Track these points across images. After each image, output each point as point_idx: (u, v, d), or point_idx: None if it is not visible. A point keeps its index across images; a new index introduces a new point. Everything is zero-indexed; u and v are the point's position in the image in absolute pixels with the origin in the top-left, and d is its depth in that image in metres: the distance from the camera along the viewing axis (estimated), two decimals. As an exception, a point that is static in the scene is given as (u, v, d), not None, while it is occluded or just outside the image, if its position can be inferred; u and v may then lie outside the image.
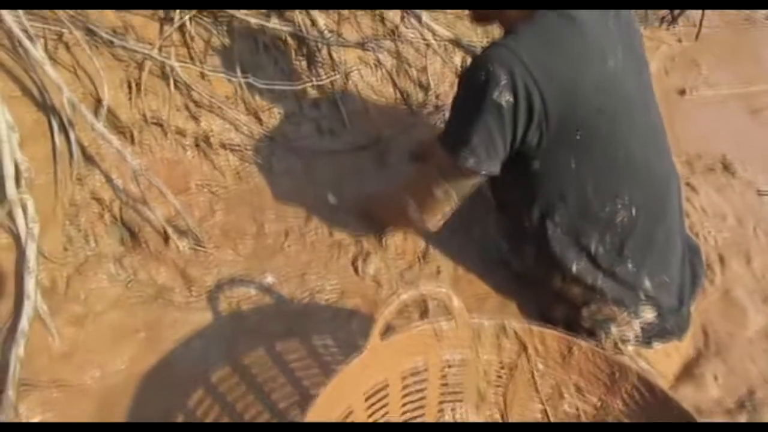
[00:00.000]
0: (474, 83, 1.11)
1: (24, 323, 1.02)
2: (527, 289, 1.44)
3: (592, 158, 1.17)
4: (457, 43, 1.66)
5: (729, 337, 1.43)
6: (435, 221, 1.35)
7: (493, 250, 1.52)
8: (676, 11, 2.58)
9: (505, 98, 1.08)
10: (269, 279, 1.38)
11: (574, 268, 1.25)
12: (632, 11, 1.34)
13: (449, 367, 0.97)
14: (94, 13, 1.55)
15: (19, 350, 1.00)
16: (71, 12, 1.48)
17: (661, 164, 1.27)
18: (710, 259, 1.57)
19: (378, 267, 1.43)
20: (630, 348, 1.29)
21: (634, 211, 1.21)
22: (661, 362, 1.31)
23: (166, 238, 1.38)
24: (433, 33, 1.63)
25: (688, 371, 1.34)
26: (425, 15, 1.60)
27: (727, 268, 1.56)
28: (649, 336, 1.29)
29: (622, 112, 1.17)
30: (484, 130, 1.12)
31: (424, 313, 1.34)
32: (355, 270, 1.42)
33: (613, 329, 1.28)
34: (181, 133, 1.60)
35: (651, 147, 1.24)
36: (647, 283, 1.25)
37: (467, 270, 1.49)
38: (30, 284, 1.07)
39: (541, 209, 1.24)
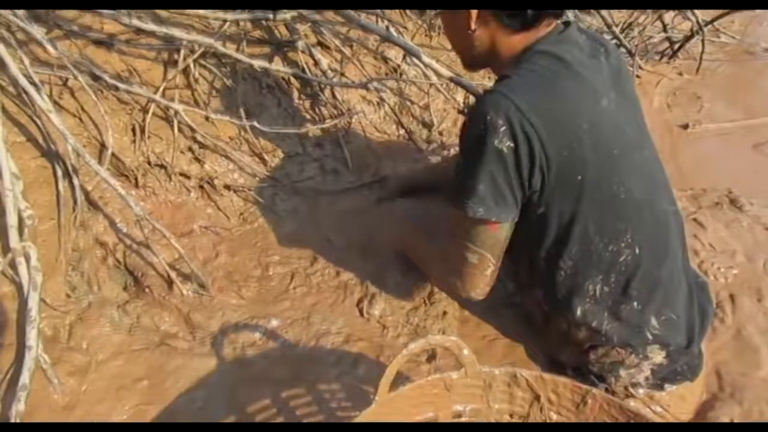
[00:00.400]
0: (473, 134, 1.11)
1: (25, 377, 1.00)
2: (535, 332, 1.42)
3: (594, 199, 1.16)
4: (458, 82, 1.65)
5: (743, 378, 1.39)
6: (480, 290, 1.27)
7: (500, 292, 1.51)
8: (676, 45, 2.60)
9: (506, 144, 1.08)
10: (274, 323, 1.36)
11: (578, 311, 1.23)
12: (622, 48, 1.35)
13: (460, 418, 0.95)
14: (99, 59, 1.56)
15: (19, 406, 0.98)
16: (77, 57, 1.49)
17: (661, 202, 1.26)
18: (720, 297, 1.54)
19: (383, 308, 1.41)
20: (641, 392, 1.26)
21: (637, 250, 1.19)
22: (675, 405, 1.28)
23: (169, 283, 1.37)
24: (435, 72, 1.63)
25: (703, 415, 1.31)
26: (425, 56, 1.61)
27: (738, 307, 1.53)
28: (660, 378, 1.26)
29: (620, 151, 1.17)
30: (488, 177, 1.11)
31: (431, 358, 1.31)
32: (360, 312, 1.40)
33: (623, 373, 1.25)
34: (185, 175, 1.61)
35: (650, 185, 1.23)
36: (653, 321, 1.23)
37: (474, 312, 1.47)
38: (31, 335, 1.05)
39: (546, 253, 1.23)
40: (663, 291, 1.23)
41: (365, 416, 0.84)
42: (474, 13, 1.15)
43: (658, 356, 1.24)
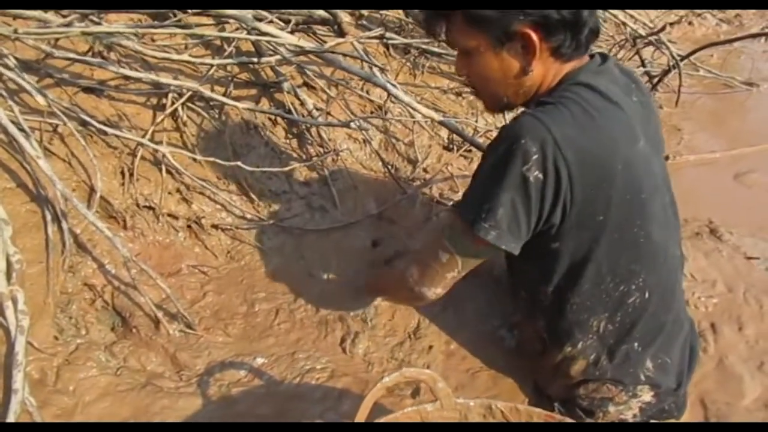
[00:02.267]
0: (503, 154, 1.06)
1: (10, 420, 1.02)
2: (522, 364, 1.44)
3: (612, 240, 1.12)
4: (441, 122, 1.70)
5: (727, 407, 1.41)
6: (435, 291, 1.25)
7: (486, 325, 1.53)
8: (655, 78, 2.66)
9: (534, 174, 1.03)
10: (259, 360, 1.38)
11: (579, 345, 1.23)
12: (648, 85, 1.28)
13: (437, 451, 0.97)
14: (89, 105, 1.61)
15: (4, 448, 0.99)
16: (66, 104, 1.53)
17: (675, 247, 1.26)
18: (702, 326, 1.57)
19: (367, 346, 1.43)
20: None
21: (647, 294, 1.18)
22: None
23: (156, 323, 1.39)
24: (417, 111, 1.67)
25: (689, 444, 1.32)
26: (405, 96, 1.66)
27: (719, 336, 1.55)
28: (648, 416, 1.27)
29: (647, 195, 1.13)
30: (509, 204, 1.06)
31: (415, 393, 1.33)
32: (344, 350, 1.42)
33: (611, 409, 1.27)
34: (173, 216, 1.64)
35: (667, 230, 1.22)
36: (649, 363, 1.24)
37: (459, 346, 1.50)
38: (18, 378, 1.07)
39: (556, 287, 1.21)
40: (665, 336, 1.24)
41: (341, 451, 0.85)
42: (538, 51, 1.09)
43: (647, 395, 1.26)
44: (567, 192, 1.06)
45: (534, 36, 1.07)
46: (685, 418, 1.36)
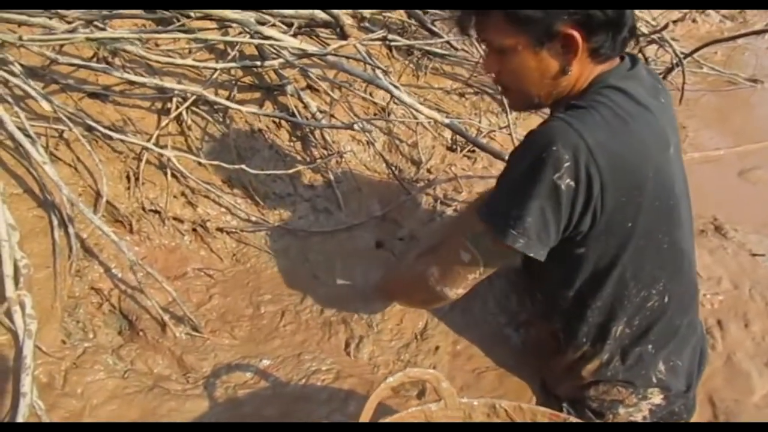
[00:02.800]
0: (532, 160, 1.03)
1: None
2: (528, 363, 1.44)
3: (638, 246, 1.11)
4: (444, 123, 1.71)
5: (736, 404, 1.41)
6: (456, 291, 1.22)
7: (491, 325, 1.53)
8: (660, 76, 2.65)
9: (566, 182, 1.01)
10: (265, 362, 1.39)
11: (596, 347, 1.23)
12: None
13: (442, 450, 0.97)
14: (94, 110, 1.63)
15: (13, 451, 1.00)
16: (71, 109, 1.55)
17: (693, 251, 1.25)
18: (709, 323, 1.57)
19: (371, 351, 1.43)
20: None
21: (666, 299, 1.18)
22: None
23: (163, 326, 1.39)
24: (419, 112, 1.68)
25: (698, 443, 1.32)
26: (408, 97, 1.66)
27: (726, 333, 1.55)
28: (657, 418, 1.26)
29: (674, 202, 1.13)
30: (538, 212, 1.03)
31: (421, 394, 1.33)
32: (348, 354, 1.42)
33: (621, 411, 1.26)
34: (178, 219, 1.65)
35: (688, 235, 1.21)
36: (661, 366, 1.24)
37: (466, 346, 1.50)
38: (26, 381, 1.07)
39: (577, 291, 1.20)
40: (679, 339, 1.24)
41: (346, 451, 0.86)
42: (580, 51, 1.06)
43: (657, 398, 1.25)
44: (598, 199, 1.04)
45: (577, 36, 1.05)
46: (694, 416, 1.36)
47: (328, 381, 1.36)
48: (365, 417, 0.87)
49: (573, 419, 0.94)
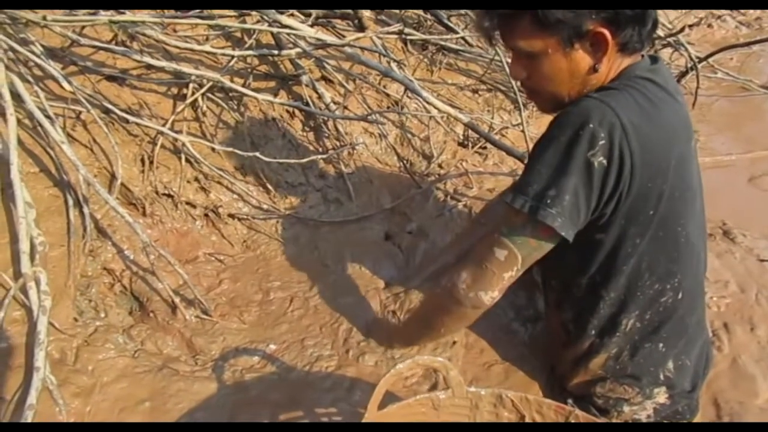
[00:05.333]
0: (567, 139, 1.02)
1: (32, 396, 1.04)
2: (536, 357, 1.45)
3: (656, 237, 1.11)
4: (457, 117, 1.71)
5: (740, 406, 1.41)
6: (492, 295, 1.15)
7: (501, 318, 1.53)
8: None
9: (599, 159, 1.00)
10: (272, 347, 1.40)
11: (605, 339, 1.23)
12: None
13: (448, 438, 0.98)
14: (111, 93, 1.64)
15: (26, 423, 1.02)
16: (89, 91, 1.56)
17: (706, 250, 1.26)
18: (715, 326, 1.57)
19: (378, 357, 1.40)
20: None
21: (680, 295, 1.18)
22: None
23: (173, 308, 1.41)
24: (433, 106, 1.69)
25: (703, 443, 1.33)
26: (423, 91, 1.67)
27: (732, 336, 1.56)
28: (661, 417, 1.27)
29: (691, 194, 1.13)
30: (573, 190, 1.03)
31: (433, 387, 1.33)
32: (356, 360, 1.39)
33: (626, 409, 1.27)
34: (191, 204, 1.66)
35: (702, 232, 1.21)
36: (670, 364, 1.24)
37: (475, 340, 1.49)
38: (40, 356, 1.09)
39: (590, 280, 1.20)
40: (689, 338, 1.24)
41: (354, 434, 0.87)
42: (609, 47, 1.06)
43: (662, 397, 1.26)
44: (626, 182, 1.03)
45: (607, 33, 1.04)
46: (699, 416, 1.37)
47: (332, 368, 1.37)
48: (374, 403, 0.88)
49: (578, 412, 0.95)
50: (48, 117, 1.37)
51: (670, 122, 1.07)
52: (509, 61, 1.19)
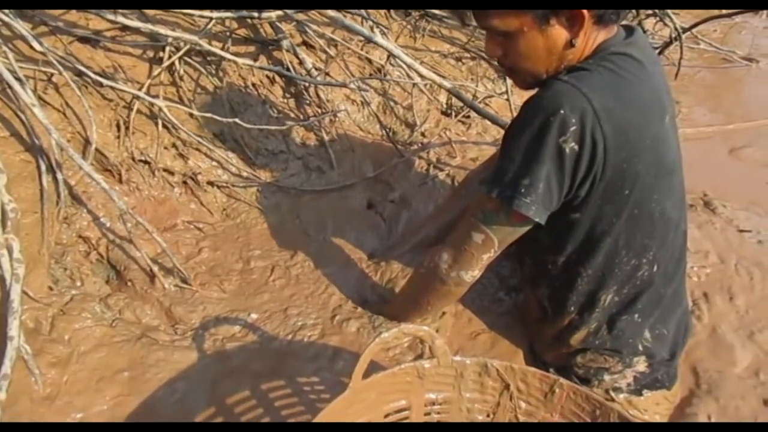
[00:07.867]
0: (538, 125, 1.02)
1: (6, 366, 1.01)
2: (519, 328, 1.45)
3: (632, 215, 1.11)
4: (441, 84, 1.68)
5: (719, 375, 1.43)
6: (472, 274, 1.20)
7: (488, 287, 1.53)
8: (657, 50, 2.64)
9: (570, 145, 1.00)
10: (254, 316, 1.38)
11: (584, 316, 1.24)
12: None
13: (432, 405, 0.98)
14: (84, 55, 1.58)
15: (0, 395, 0.99)
16: (60, 53, 1.50)
17: (684, 222, 1.26)
18: (695, 295, 1.58)
19: (360, 325, 1.39)
20: (621, 396, 1.29)
21: (655, 267, 1.18)
22: (651, 409, 1.31)
23: (152, 277, 1.38)
24: (417, 73, 1.65)
25: (682, 411, 1.34)
26: (408, 57, 1.64)
27: (712, 305, 1.57)
28: (641, 385, 1.29)
29: (666, 171, 1.12)
30: (545, 177, 1.03)
31: (419, 358, 1.33)
32: (339, 328, 1.39)
33: (606, 378, 1.28)
34: (168, 171, 1.62)
35: (679, 206, 1.22)
36: (647, 334, 1.25)
37: (465, 308, 1.49)
38: (13, 325, 1.06)
39: (567, 258, 1.20)
40: (663, 308, 1.25)
41: (339, 401, 0.86)
42: (586, 21, 1.03)
43: (641, 365, 1.27)
44: (600, 165, 1.03)
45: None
46: (678, 384, 1.39)
47: (315, 337, 1.36)
48: (358, 373, 0.87)
49: (563, 381, 0.95)
50: (18, 79, 1.32)
51: (644, 101, 1.06)
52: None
